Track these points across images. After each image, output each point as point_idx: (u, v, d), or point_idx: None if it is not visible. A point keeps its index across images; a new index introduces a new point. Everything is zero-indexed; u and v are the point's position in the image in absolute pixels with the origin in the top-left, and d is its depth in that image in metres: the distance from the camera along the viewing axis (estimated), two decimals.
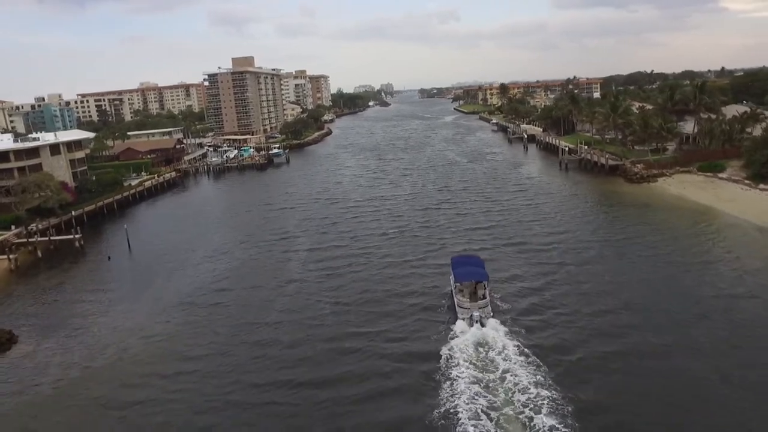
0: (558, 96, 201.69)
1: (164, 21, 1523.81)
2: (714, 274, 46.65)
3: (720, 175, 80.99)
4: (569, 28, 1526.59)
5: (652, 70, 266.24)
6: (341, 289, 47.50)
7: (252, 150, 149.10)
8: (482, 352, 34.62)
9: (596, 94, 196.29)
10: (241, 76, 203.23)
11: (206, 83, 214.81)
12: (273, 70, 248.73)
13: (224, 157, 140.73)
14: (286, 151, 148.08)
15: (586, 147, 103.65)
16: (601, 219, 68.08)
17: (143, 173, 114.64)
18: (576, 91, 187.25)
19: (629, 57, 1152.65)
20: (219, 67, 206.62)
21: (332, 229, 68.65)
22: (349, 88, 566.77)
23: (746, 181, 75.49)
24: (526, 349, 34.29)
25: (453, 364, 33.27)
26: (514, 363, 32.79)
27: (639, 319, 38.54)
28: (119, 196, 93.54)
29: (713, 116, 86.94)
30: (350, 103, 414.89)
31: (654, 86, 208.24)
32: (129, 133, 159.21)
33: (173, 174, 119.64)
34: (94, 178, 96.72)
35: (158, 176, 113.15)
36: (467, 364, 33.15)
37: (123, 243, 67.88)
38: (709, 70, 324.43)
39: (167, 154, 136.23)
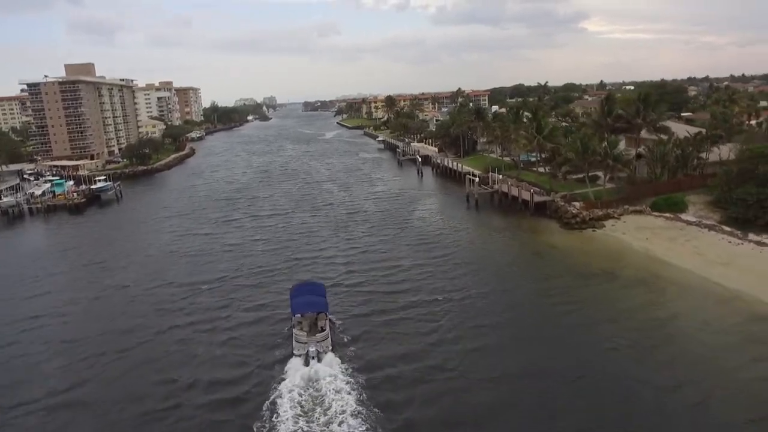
0: (451, 109, 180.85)
1: (12, 25, 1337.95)
2: None
3: (684, 216, 60.67)
4: (448, 42, 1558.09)
5: (546, 82, 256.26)
6: None
7: (70, 183, 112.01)
8: (313, 391, 30.77)
9: (495, 108, 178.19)
10: (74, 87, 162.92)
11: (27, 95, 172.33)
12: (122, 80, 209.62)
13: (25, 194, 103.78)
14: (118, 184, 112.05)
15: (500, 176, 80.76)
16: (542, 303, 43.74)
17: None
18: (471, 104, 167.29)
19: (506, 71, 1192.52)
20: (45, 76, 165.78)
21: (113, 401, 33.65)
22: (229, 102, 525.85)
23: (726, 228, 55.29)
24: (361, 388, 30.88)
25: (278, 408, 29.40)
26: (345, 403, 29.35)
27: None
28: None
29: (663, 136, 66.84)
30: (225, 117, 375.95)
31: (547, 98, 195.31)
32: None
33: None
34: None
35: None
36: (294, 406, 29.50)
37: None
38: (581, 84, 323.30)
39: None
